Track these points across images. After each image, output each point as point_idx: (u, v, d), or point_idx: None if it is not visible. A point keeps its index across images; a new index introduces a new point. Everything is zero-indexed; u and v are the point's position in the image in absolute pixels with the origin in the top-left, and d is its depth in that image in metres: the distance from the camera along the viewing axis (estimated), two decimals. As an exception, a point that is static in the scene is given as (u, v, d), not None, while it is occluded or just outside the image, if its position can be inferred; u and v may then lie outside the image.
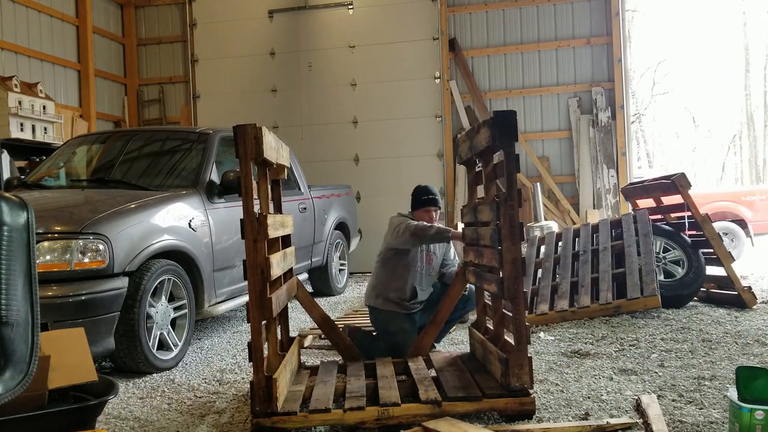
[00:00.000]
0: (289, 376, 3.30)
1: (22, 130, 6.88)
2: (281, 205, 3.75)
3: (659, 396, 3.17)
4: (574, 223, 8.70)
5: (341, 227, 7.44)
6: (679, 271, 5.65)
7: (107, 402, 2.80)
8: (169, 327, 4.24)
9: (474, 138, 3.36)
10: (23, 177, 5.53)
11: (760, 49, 25.99)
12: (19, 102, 6.86)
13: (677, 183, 5.70)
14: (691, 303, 5.63)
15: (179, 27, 10.08)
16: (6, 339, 1.78)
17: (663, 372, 3.61)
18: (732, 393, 2.50)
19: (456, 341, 4.60)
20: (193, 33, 9.91)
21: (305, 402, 3.07)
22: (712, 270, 5.83)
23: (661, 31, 33.93)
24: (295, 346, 3.66)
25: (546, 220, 8.20)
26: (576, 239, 6.10)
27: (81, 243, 3.70)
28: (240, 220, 2.88)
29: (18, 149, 6.91)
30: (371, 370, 3.50)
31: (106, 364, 4.23)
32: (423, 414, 2.84)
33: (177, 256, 4.36)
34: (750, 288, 5.52)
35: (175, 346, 4.25)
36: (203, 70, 9.90)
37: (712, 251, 5.64)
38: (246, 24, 9.74)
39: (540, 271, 5.86)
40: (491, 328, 3.53)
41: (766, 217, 9.84)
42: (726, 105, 28.92)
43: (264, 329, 3.00)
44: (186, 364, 4.31)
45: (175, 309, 4.31)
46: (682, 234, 5.82)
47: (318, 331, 4.62)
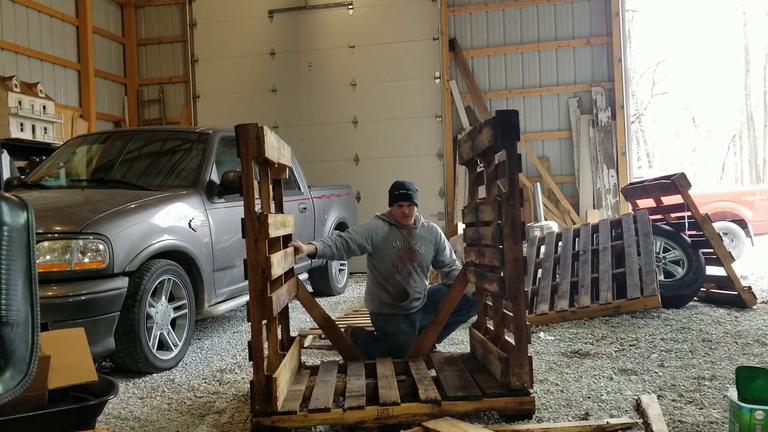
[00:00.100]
0: (289, 375, 3.30)
1: (22, 130, 6.89)
2: (282, 205, 3.75)
3: (659, 396, 3.17)
4: (574, 223, 8.70)
5: (341, 227, 7.44)
6: (679, 271, 5.65)
7: (107, 402, 2.80)
8: (169, 327, 4.24)
9: (476, 138, 3.35)
10: (23, 177, 5.53)
11: (760, 49, 26.01)
12: (19, 102, 6.86)
13: (677, 183, 5.70)
14: (691, 303, 5.63)
15: (179, 27, 10.08)
16: (6, 339, 1.78)
17: (663, 372, 3.61)
18: (732, 393, 2.50)
19: (456, 341, 4.60)
20: (193, 33, 9.91)
21: (305, 401, 3.07)
22: (712, 270, 5.83)
23: (661, 31, 33.96)
24: (296, 345, 3.66)
25: (546, 220, 8.20)
26: (576, 239, 6.11)
27: (81, 243, 3.70)
28: (241, 219, 2.88)
29: (18, 149, 6.91)
30: (371, 370, 3.50)
31: (106, 364, 4.23)
32: (423, 413, 2.84)
33: (177, 256, 4.36)
34: (750, 288, 5.53)
35: (175, 346, 4.25)
36: (203, 70, 9.90)
37: (712, 251, 5.64)
38: (246, 24, 9.74)
39: (540, 271, 5.86)
40: (491, 328, 3.52)
41: (766, 217, 9.84)
42: (726, 105, 28.94)
43: (264, 329, 2.99)
44: (186, 364, 4.31)
45: (175, 309, 4.31)
46: (682, 234, 5.82)
47: (318, 331, 4.62)
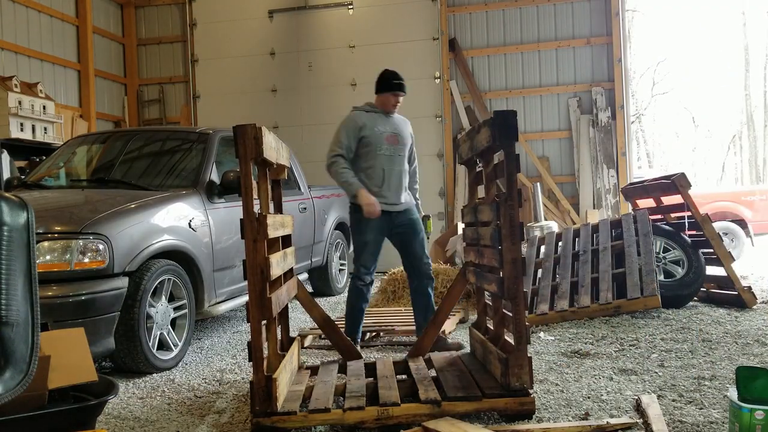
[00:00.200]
0: (289, 376, 3.30)
1: (22, 130, 6.89)
2: (281, 205, 3.75)
3: (659, 396, 3.17)
4: (574, 223, 8.70)
5: (341, 227, 7.44)
6: (679, 271, 5.64)
7: (107, 402, 2.81)
8: (169, 327, 4.24)
9: (474, 138, 3.36)
10: (23, 177, 5.53)
11: (760, 49, 26.03)
12: (19, 102, 6.86)
13: (677, 183, 5.70)
14: (691, 303, 5.63)
15: (179, 27, 10.08)
16: (6, 339, 1.78)
17: (663, 372, 3.61)
18: (732, 393, 2.49)
19: (455, 341, 4.59)
20: (193, 33, 9.91)
21: (305, 402, 3.07)
22: (712, 270, 5.83)
23: (661, 31, 33.99)
24: (295, 345, 3.66)
25: (546, 220, 8.20)
26: (576, 239, 6.10)
27: (81, 243, 3.70)
28: (240, 219, 2.88)
29: (18, 149, 6.91)
30: (371, 370, 3.50)
31: (106, 364, 4.23)
32: (423, 414, 2.84)
33: (177, 256, 4.36)
34: (750, 288, 5.52)
35: (175, 346, 4.25)
36: (203, 70, 9.91)
37: (712, 251, 5.63)
38: (246, 24, 9.74)
39: (540, 271, 5.86)
40: (491, 328, 3.53)
41: (766, 217, 9.84)
42: (726, 105, 28.97)
43: (264, 329, 3.00)
44: (186, 364, 4.31)
45: (175, 309, 4.31)
46: (682, 234, 5.82)
47: (318, 331, 4.62)
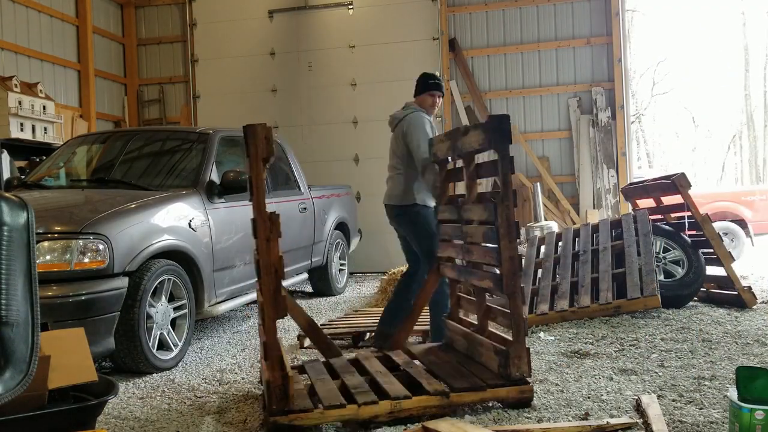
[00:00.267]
0: (289, 375, 3.33)
1: (22, 130, 6.88)
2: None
3: (659, 396, 3.17)
4: (574, 223, 8.70)
5: (341, 227, 7.44)
6: (679, 271, 5.64)
7: (107, 402, 2.81)
8: (169, 327, 4.24)
9: (459, 139, 3.52)
10: (23, 177, 5.53)
11: (759, 49, 26.01)
12: (19, 102, 6.86)
13: (677, 183, 5.70)
14: (691, 303, 5.63)
15: (179, 27, 10.08)
16: (6, 339, 1.78)
17: (663, 372, 3.61)
18: (732, 393, 2.50)
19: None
20: (193, 33, 9.90)
21: (311, 399, 3.09)
22: (712, 270, 5.82)
23: (661, 31, 33.97)
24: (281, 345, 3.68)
25: (546, 220, 8.20)
26: (576, 239, 6.10)
27: (81, 243, 3.70)
28: (251, 219, 2.92)
29: (18, 149, 6.90)
30: (358, 366, 3.54)
31: (106, 364, 4.23)
32: (432, 405, 2.98)
33: (177, 256, 4.36)
34: (750, 288, 5.52)
35: (175, 346, 4.25)
36: (203, 70, 9.90)
37: (712, 251, 5.63)
38: (246, 24, 9.73)
39: (540, 271, 5.86)
40: (466, 319, 3.80)
41: (766, 217, 9.83)
42: (726, 105, 28.94)
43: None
44: (186, 364, 4.31)
45: (175, 309, 4.31)
46: (682, 234, 5.81)
47: (327, 330, 4.69)
